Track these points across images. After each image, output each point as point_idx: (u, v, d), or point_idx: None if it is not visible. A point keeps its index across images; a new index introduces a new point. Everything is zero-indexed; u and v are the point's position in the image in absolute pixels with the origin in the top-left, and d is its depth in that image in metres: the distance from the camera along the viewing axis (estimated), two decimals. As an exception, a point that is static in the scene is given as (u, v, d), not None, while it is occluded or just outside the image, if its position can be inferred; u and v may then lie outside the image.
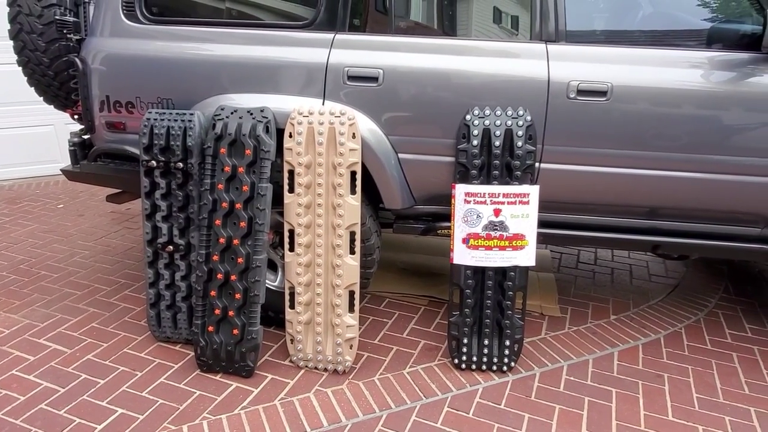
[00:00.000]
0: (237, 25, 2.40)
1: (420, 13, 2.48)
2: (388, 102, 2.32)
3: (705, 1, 2.27)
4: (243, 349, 2.27)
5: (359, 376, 2.34)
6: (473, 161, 2.26)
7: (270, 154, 2.27)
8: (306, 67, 2.33)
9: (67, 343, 2.51)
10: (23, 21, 2.56)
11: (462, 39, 2.32)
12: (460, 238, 2.29)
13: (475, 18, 2.41)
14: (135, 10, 2.44)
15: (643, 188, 2.33)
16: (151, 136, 2.34)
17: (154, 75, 2.41)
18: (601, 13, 2.30)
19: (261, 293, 2.27)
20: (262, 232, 2.26)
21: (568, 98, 2.24)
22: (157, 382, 2.26)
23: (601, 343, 2.61)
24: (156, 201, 2.39)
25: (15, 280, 3.09)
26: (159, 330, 2.50)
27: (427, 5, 2.45)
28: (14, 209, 4.19)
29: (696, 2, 2.27)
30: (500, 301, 2.34)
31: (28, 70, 2.68)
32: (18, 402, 2.13)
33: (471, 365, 2.37)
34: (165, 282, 2.45)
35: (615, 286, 3.23)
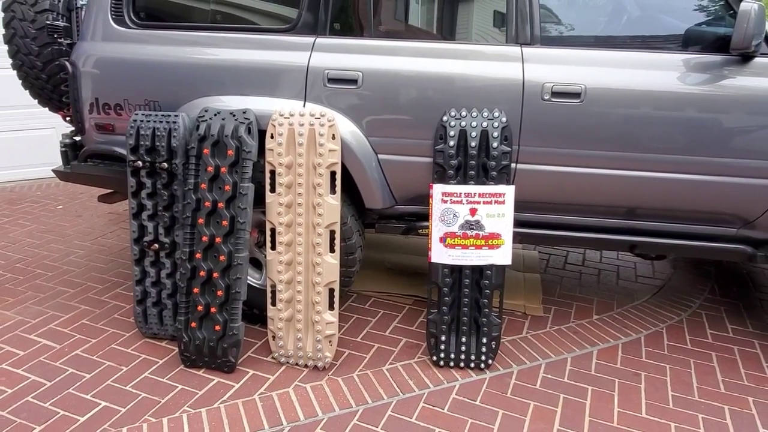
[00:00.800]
0: (221, 29, 2.47)
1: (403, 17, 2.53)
2: (367, 104, 2.37)
3: (681, 4, 2.30)
4: (225, 345, 2.33)
5: (339, 372, 2.38)
6: (450, 162, 2.30)
7: (252, 155, 2.32)
8: (287, 69, 2.39)
9: (56, 339, 2.57)
10: (17, 26, 2.64)
11: (439, 42, 2.37)
12: (437, 237, 2.34)
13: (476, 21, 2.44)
14: (123, 15, 2.51)
15: (619, 189, 2.36)
16: (137, 137, 2.41)
17: (141, 78, 2.48)
18: (576, 16, 2.34)
19: (242, 290, 2.32)
20: (243, 231, 2.32)
21: (542, 100, 2.28)
22: (141, 377, 2.32)
23: (581, 342, 2.64)
24: (142, 200, 2.46)
25: (11, 278, 3.17)
26: (146, 326, 2.56)
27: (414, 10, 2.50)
28: (14, 210, 4.29)
29: (671, 5, 2.30)
30: (477, 299, 2.37)
31: (22, 73, 2.76)
32: (5, 394, 2.19)
33: (449, 362, 2.40)
34: (151, 279, 2.51)
35: (600, 286, 3.25)
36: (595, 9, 2.33)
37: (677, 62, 2.25)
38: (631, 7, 2.30)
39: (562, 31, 2.33)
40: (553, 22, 2.33)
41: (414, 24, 2.46)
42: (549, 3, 2.32)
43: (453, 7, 2.43)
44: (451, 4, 2.42)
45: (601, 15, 2.33)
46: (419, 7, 2.44)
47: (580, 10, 2.34)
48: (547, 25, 2.32)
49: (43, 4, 2.62)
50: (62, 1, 2.66)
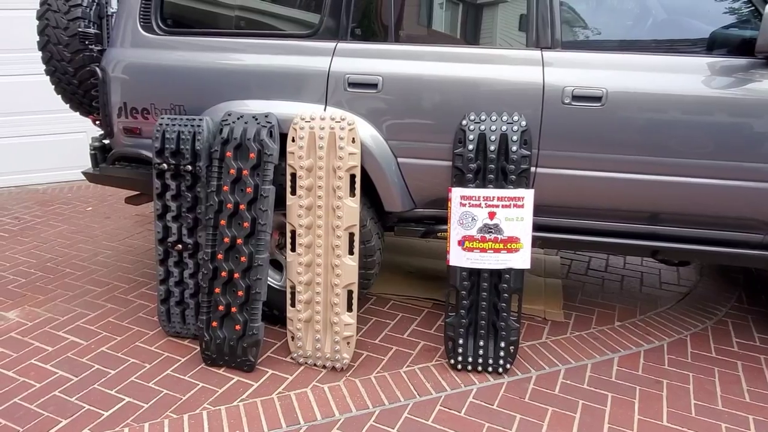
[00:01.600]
0: (244, 35, 2.53)
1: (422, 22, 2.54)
2: (387, 108, 2.39)
3: (705, 6, 2.27)
4: (245, 345, 2.37)
5: (357, 373, 2.40)
6: (468, 165, 2.31)
7: (273, 158, 2.37)
8: (309, 74, 2.43)
9: (84, 336, 2.65)
10: (50, 33, 2.74)
11: (458, 46, 2.38)
12: (455, 240, 2.34)
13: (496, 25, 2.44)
14: (151, 22, 2.59)
15: (641, 193, 2.33)
16: (162, 140, 2.47)
17: (167, 82, 2.55)
18: (597, 19, 2.33)
19: (262, 291, 2.36)
20: (264, 232, 2.36)
21: (563, 104, 2.27)
22: (163, 374, 2.37)
23: (602, 349, 2.61)
24: (167, 202, 2.52)
25: (41, 276, 3.27)
26: (169, 325, 2.62)
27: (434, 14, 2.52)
28: (46, 211, 4.42)
29: (695, 7, 2.27)
30: (495, 303, 2.37)
31: (55, 78, 2.86)
32: (34, 389, 2.26)
33: (467, 366, 2.40)
34: (174, 279, 2.57)
35: (623, 293, 3.21)
36: (617, 12, 2.31)
37: (702, 65, 2.22)
38: (654, 9, 2.28)
39: (583, 35, 2.33)
40: (574, 26, 2.32)
41: (433, 28, 2.48)
42: (570, 6, 2.31)
43: (472, 11, 2.44)
44: (470, 8, 2.43)
45: (623, 18, 2.31)
46: (439, 11, 2.45)
47: (602, 13, 2.32)
48: (568, 29, 2.31)
49: (75, 12, 2.71)
50: (94, 9, 2.76)
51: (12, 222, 4.17)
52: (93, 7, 2.76)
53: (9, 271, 3.34)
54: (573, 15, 2.32)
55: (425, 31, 2.47)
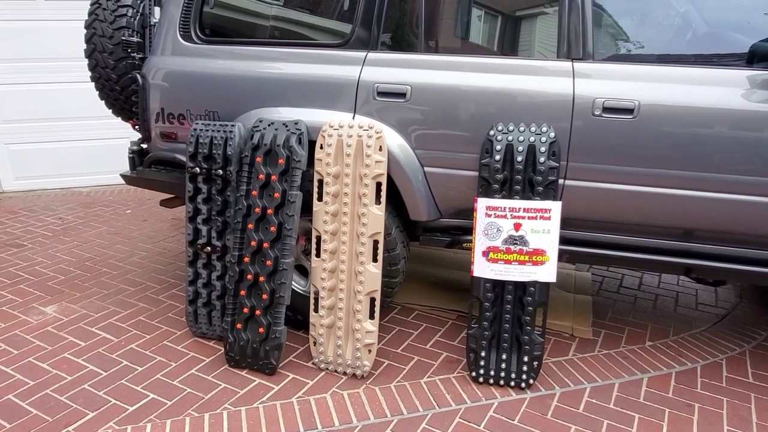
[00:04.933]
0: (277, 44, 2.59)
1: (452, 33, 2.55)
2: (415, 117, 2.40)
3: (743, 17, 2.21)
4: (267, 348, 2.39)
5: (377, 381, 2.39)
6: (495, 176, 2.29)
7: (301, 164, 2.40)
8: (339, 83, 2.47)
9: (115, 333, 2.73)
10: (97, 42, 2.87)
11: (487, 57, 2.38)
12: (480, 251, 2.32)
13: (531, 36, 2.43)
14: (190, 32, 2.68)
15: (675, 208, 2.27)
16: (196, 145, 2.55)
17: (203, 89, 2.63)
18: (630, 31, 2.29)
19: (286, 295, 2.39)
20: (290, 237, 2.39)
21: (593, 115, 2.24)
22: (188, 373, 2.42)
23: (631, 368, 2.53)
24: (198, 205, 2.59)
25: (79, 275, 3.40)
26: (195, 326, 2.68)
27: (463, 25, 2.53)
28: (88, 213, 4.60)
29: (732, 19, 2.21)
30: (520, 317, 2.33)
31: (99, 85, 2.99)
32: (65, 381, 2.34)
33: (489, 379, 2.36)
34: (203, 281, 2.62)
35: (656, 312, 3.11)
36: (651, 23, 2.27)
37: (739, 78, 2.15)
38: (690, 20, 2.22)
39: (616, 46, 2.29)
40: (607, 37, 2.29)
41: (462, 39, 2.48)
42: (602, 17, 2.28)
43: (502, 22, 2.43)
44: (500, 18, 2.43)
45: (656, 29, 2.26)
46: (468, 22, 2.46)
47: (635, 24, 2.29)
48: (600, 40, 2.28)
49: (120, 22, 2.83)
50: (138, 19, 2.88)
51: (56, 222, 4.36)
52: (137, 17, 2.88)
53: (50, 269, 3.48)
54: (605, 26, 2.29)
55: (454, 42, 2.48)
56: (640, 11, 2.27)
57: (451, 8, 2.43)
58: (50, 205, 4.81)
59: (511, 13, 2.40)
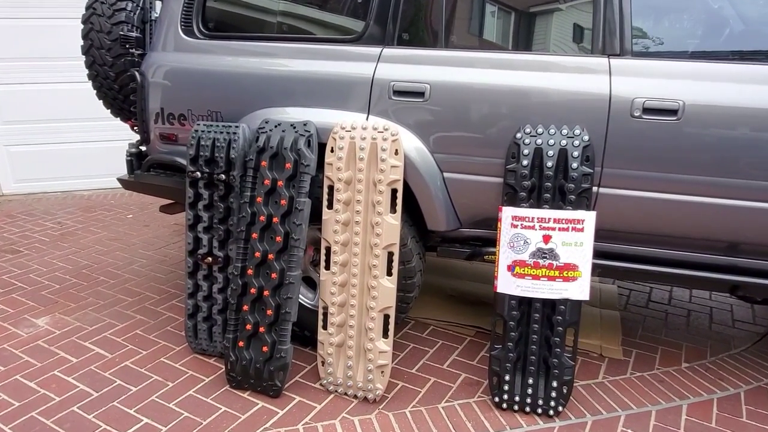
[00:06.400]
0: (286, 40, 2.40)
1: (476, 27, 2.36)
2: (435, 118, 2.21)
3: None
4: (272, 368, 2.20)
5: (390, 406, 2.19)
6: (522, 182, 2.09)
7: (310, 169, 2.21)
8: (352, 81, 2.28)
9: (109, 348, 2.55)
10: (94, 37, 2.70)
11: (514, 53, 2.18)
12: (504, 264, 2.12)
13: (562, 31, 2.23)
14: (192, 26, 2.50)
15: (721, 220, 2.06)
16: (197, 147, 2.36)
17: (205, 88, 2.45)
18: (673, 23, 2.09)
19: (293, 311, 2.20)
20: (297, 248, 2.20)
21: (632, 117, 2.03)
22: (185, 395, 2.23)
23: (668, 394, 2.31)
24: (199, 212, 2.40)
25: (75, 283, 3.22)
26: (195, 341, 2.49)
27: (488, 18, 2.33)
28: (88, 217, 4.43)
29: (788, 12, 2.00)
30: (548, 337, 2.12)
31: (97, 83, 2.82)
32: (53, 402, 2.16)
33: (513, 405, 2.16)
34: (203, 294, 2.44)
35: (690, 330, 2.89)
36: (695, 15, 2.06)
37: (797, 76, 1.94)
38: (741, 13, 2.02)
39: (658, 41, 2.08)
40: (648, 31, 2.08)
41: (487, 33, 2.28)
42: (642, 10, 2.08)
43: (532, 16, 2.23)
44: (530, 12, 2.23)
45: (702, 22, 2.06)
46: (493, 15, 2.26)
47: (679, 16, 2.08)
48: (640, 34, 2.07)
49: (119, 17, 2.66)
50: (138, 13, 2.70)
51: (55, 227, 4.19)
52: (137, 11, 2.70)
53: (45, 277, 3.31)
54: (645, 19, 2.08)
55: (478, 37, 2.28)
56: (685, 1, 2.06)
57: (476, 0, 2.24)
58: (50, 209, 4.65)
59: (542, 5, 2.20)
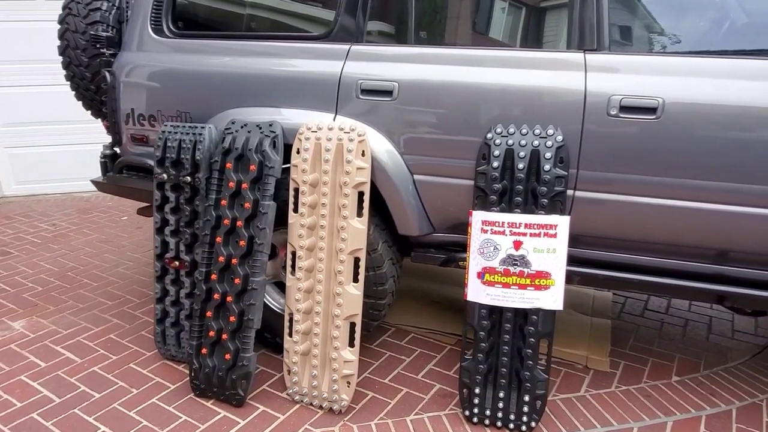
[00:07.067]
0: (253, 38, 2.33)
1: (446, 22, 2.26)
2: (403, 118, 2.12)
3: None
4: (234, 376, 2.13)
5: (357, 418, 2.10)
6: (492, 185, 1.98)
7: (275, 171, 2.14)
8: (319, 79, 2.20)
9: (80, 353, 2.51)
10: (69, 38, 2.67)
11: (485, 48, 2.08)
12: (474, 271, 2.01)
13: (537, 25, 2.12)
14: (162, 24, 2.46)
15: (706, 225, 1.92)
16: (164, 149, 2.31)
17: (174, 88, 2.40)
18: (653, 16, 1.96)
19: (256, 318, 2.12)
20: (261, 253, 2.13)
21: (608, 115, 1.91)
22: (147, 402, 2.17)
23: (653, 409, 2.18)
24: (166, 215, 2.35)
25: (58, 286, 3.21)
26: (164, 347, 2.44)
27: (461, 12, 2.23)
28: (83, 219, 4.44)
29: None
30: (520, 348, 2.01)
31: (74, 84, 2.79)
32: (14, 408, 2.12)
33: (484, 419, 2.05)
34: (171, 298, 2.38)
35: (686, 340, 2.74)
36: (677, 7, 1.93)
37: (786, 71, 1.80)
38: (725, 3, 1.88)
39: (637, 35, 1.96)
40: (625, 24, 1.96)
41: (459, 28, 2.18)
42: (619, 2, 1.96)
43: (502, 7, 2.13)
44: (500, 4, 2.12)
45: (685, 14, 1.93)
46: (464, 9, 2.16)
47: (658, 9, 1.95)
48: (618, 28, 1.95)
49: (94, 17, 2.63)
50: (113, 13, 2.66)
51: (48, 229, 4.20)
52: (112, 11, 2.66)
53: (29, 279, 3.30)
54: (623, 11, 1.96)
55: (447, 31, 2.18)
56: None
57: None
58: (48, 210, 4.67)
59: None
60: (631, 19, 1.97)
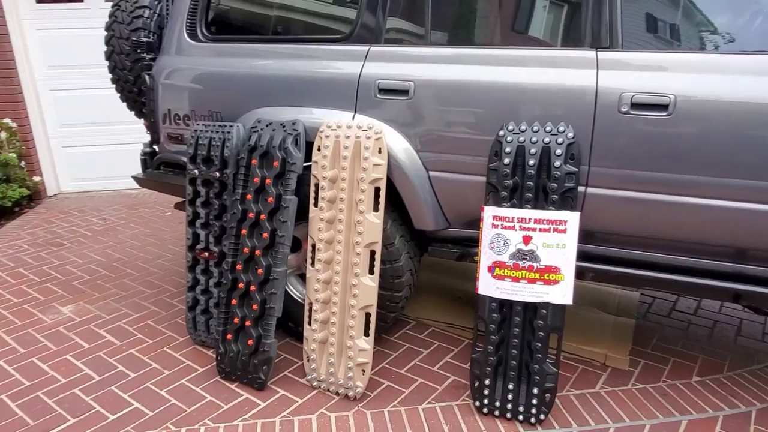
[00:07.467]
0: (279, 41, 2.46)
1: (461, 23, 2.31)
2: (419, 116, 2.19)
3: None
4: (256, 361, 2.25)
5: (371, 404, 2.19)
6: (503, 181, 2.03)
7: (296, 167, 2.25)
8: (340, 80, 2.30)
9: (120, 336, 2.70)
10: (115, 44, 2.87)
11: (498, 48, 2.12)
12: (485, 265, 2.06)
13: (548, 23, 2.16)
14: (196, 30, 2.61)
15: (721, 223, 1.91)
16: (196, 146, 2.46)
17: (206, 89, 2.55)
18: (666, 14, 1.96)
19: (277, 306, 2.24)
20: (282, 245, 2.25)
21: (619, 112, 1.93)
22: (178, 383, 2.32)
23: (669, 408, 2.17)
24: (197, 208, 2.50)
25: (104, 275, 3.43)
26: (195, 333, 2.59)
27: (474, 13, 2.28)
28: (131, 214, 4.71)
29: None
30: (530, 342, 2.05)
31: (119, 86, 2.99)
32: (58, 384, 2.32)
33: (494, 410, 2.10)
34: (201, 287, 2.53)
35: (712, 342, 2.69)
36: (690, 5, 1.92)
37: (804, 66, 1.77)
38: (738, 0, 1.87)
39: (650, 32, 1.96)
40: (637, 22, 1.97)
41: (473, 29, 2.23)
42: None
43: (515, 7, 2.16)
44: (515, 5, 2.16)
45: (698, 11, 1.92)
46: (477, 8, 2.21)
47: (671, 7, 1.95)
48: (629, 25, 1.96)
49: (137, 23, 2.82)
50: (154, 19, 2.85)
51: (99, 223, 4.48)
52: (154, 18, 2.85)
53: (79, 268, 3.55)
54: (635, 9, 1.97)
55: (462, 32, 2.23)
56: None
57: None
58: (99, 205, 4.98)
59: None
60: (645, 17, 1.97)
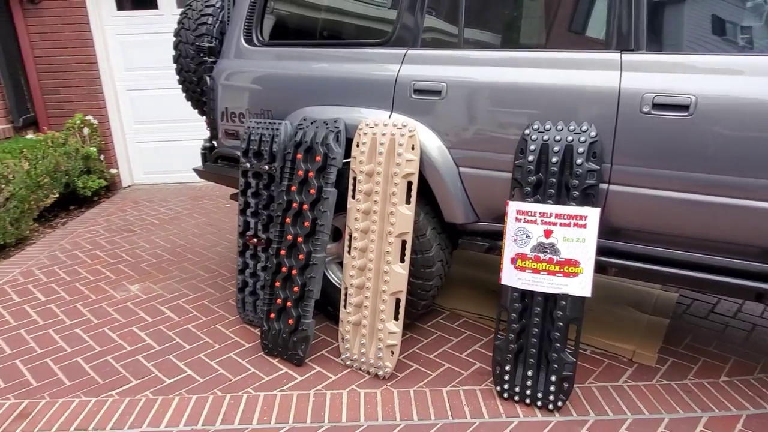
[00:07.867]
0: (324, 45, 2.66)
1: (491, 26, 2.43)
2: (450, 115, 2.33)
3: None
4: (295, 339, 2.47)
5: (398, 384, 2.35)
6: (527, 178, 2.13)
7: (336, 161, 2.45)
8: (378, 81, 2.47)
9: (178, 313, 2.99)
10: (182, 48, 3.17)
11: (526, 51, 2.23)
12: (508, 257, 2.18)
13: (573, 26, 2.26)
14: (252, 35, 2.86)
15: (743, 221, 1.94)
16: (248, 141, 2.70)
17: (259, 89, 2.79)
18: (689, 17, 2.00)
19: (316, 289, 2.44)
20: (322, 233, 2.44)
21: (641, 113, 1.99)
22: (226, 356, 2.57)
23: (690, 404, 2.20)
24: (248, 198, 2.74)
25: (168, 259, 3.77)
26: (244, 313, 2.84)
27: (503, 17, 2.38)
28: (194, 205, 5.08)
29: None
30: (549, 331, 2.14)
31: (185, 87, 3.30)
32: (124, 351, 2.62)
33: (514, 396, 2.21)
34: (250, 271, 2.78)
35: (747, 344, 2.66)
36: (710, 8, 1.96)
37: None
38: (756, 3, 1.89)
39: (672, 35, 2.01)
40: (659, 25, 2.02)
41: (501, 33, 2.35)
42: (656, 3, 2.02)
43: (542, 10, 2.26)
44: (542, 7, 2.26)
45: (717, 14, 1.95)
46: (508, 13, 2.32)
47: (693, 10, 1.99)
48: (653, 28, 2.02)
49: (201, 30, 3.10)
50: (217, 26, 3.13)
51: (166, 212, 4.88)
52: (216, 24, 3.13)
53: (147, 252, 3.91)
54: (659, 12, 2.02)
55: (491, 36, 2.35)
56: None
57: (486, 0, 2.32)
58: (167, 197, 5.39)
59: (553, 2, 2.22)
60: (666, 19, 2.02)
